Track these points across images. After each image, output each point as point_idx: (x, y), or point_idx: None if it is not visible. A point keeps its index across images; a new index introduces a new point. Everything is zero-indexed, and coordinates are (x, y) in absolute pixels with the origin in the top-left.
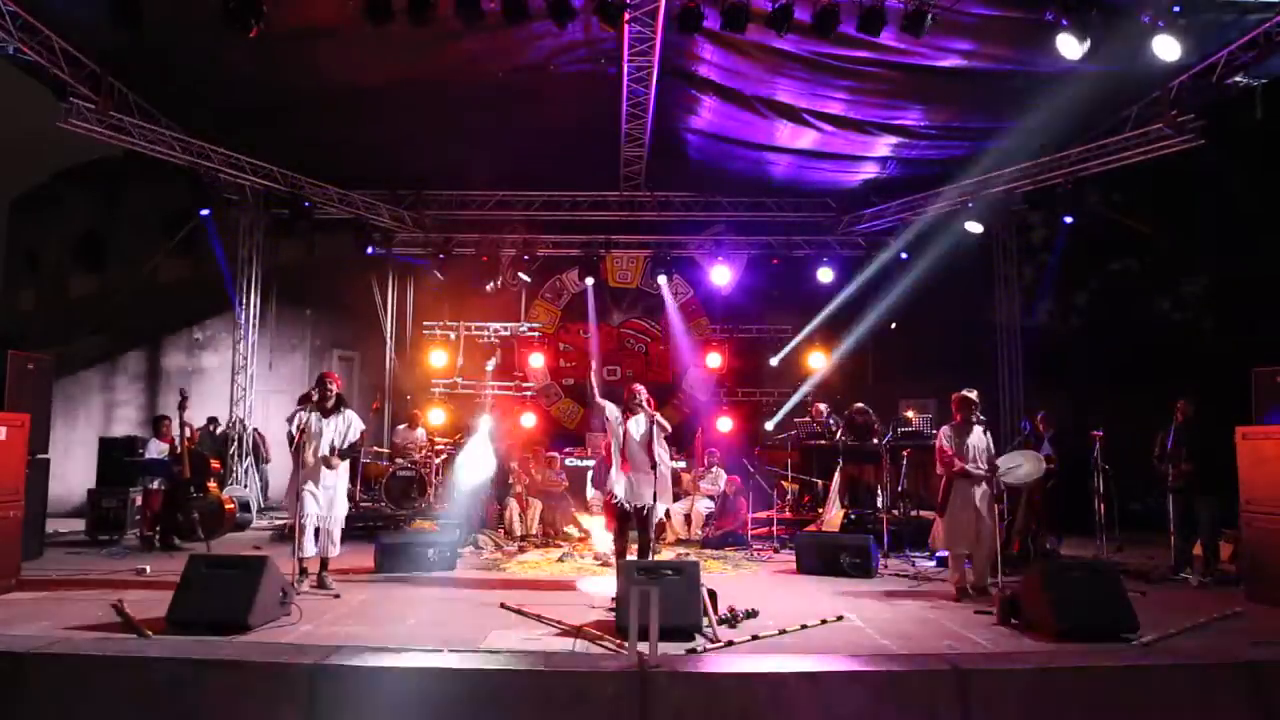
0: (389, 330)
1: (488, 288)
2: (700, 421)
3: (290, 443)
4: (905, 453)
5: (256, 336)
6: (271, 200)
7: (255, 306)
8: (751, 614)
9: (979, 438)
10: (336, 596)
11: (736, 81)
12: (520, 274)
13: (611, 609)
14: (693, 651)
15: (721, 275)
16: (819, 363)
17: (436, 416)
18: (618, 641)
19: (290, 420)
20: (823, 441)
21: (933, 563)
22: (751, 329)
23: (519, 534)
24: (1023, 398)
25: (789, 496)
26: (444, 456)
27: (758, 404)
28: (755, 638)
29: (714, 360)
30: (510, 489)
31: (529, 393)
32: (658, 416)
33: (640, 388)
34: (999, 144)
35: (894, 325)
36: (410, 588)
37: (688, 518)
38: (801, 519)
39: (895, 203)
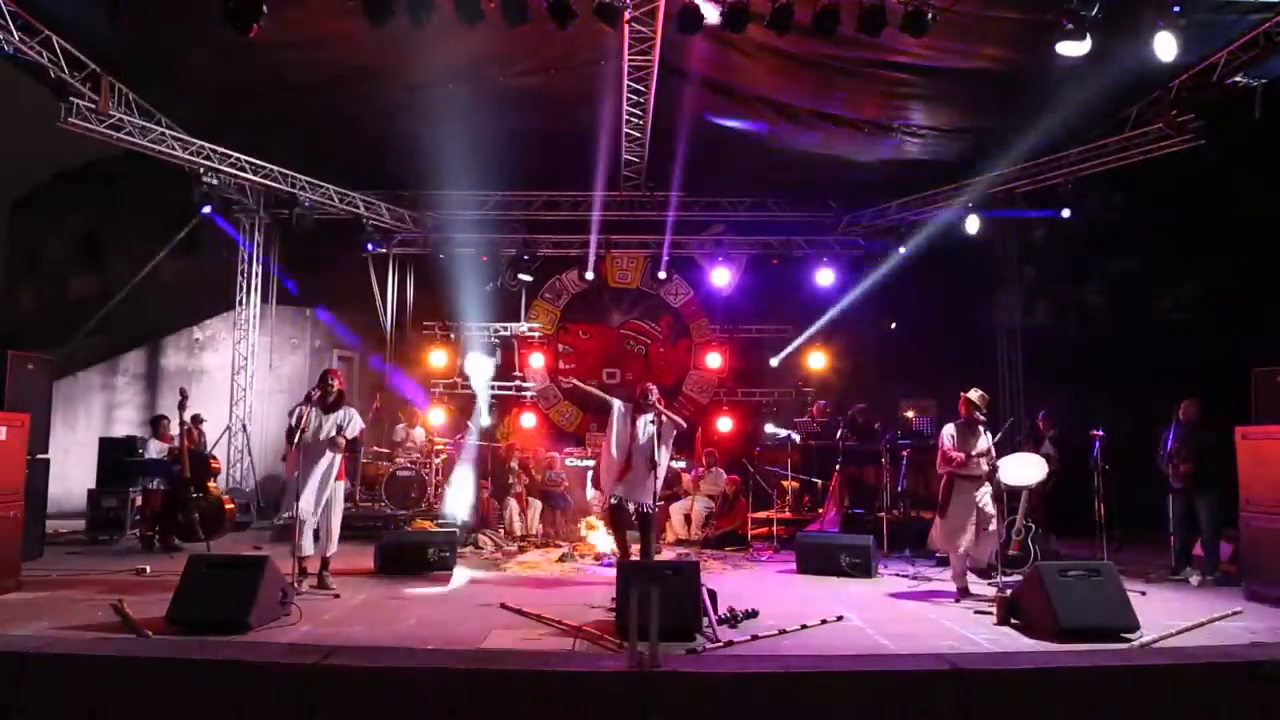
0: (388, 329)
1: (486, 288)
2: (700, 422)
3: (290, 438)
4: (905, 453)
5: (256, 337)
6: (271, 200)
7: (255, 306)
8: (751, 614)
9: (982, 438)
10: (336, 596)
11: (736, 81)
12: (520, 274)
13: (611, 609)
14: (692, 651)
15: (721, 276)
16: (819, 363)
17: (436, 416)
18: (618, 641)
19: (291, 414)
20: (823, 441)
21: (932, 563)
22: (751, 329)
23: (519, 534)
24: (1023, 398)
25: (789, 496)
26: (444, 456)
27: (758, 404)
28: (755, 638)
29: (714, 360)
30: (510, 489)
31: (529, 394)
32: (669, 413)
33: (652, 386)
34: (999, 144)
35: (894, 325)
36: (410, 587)
37: (688, 518)
38: (801, 519)
39: (895, 203)
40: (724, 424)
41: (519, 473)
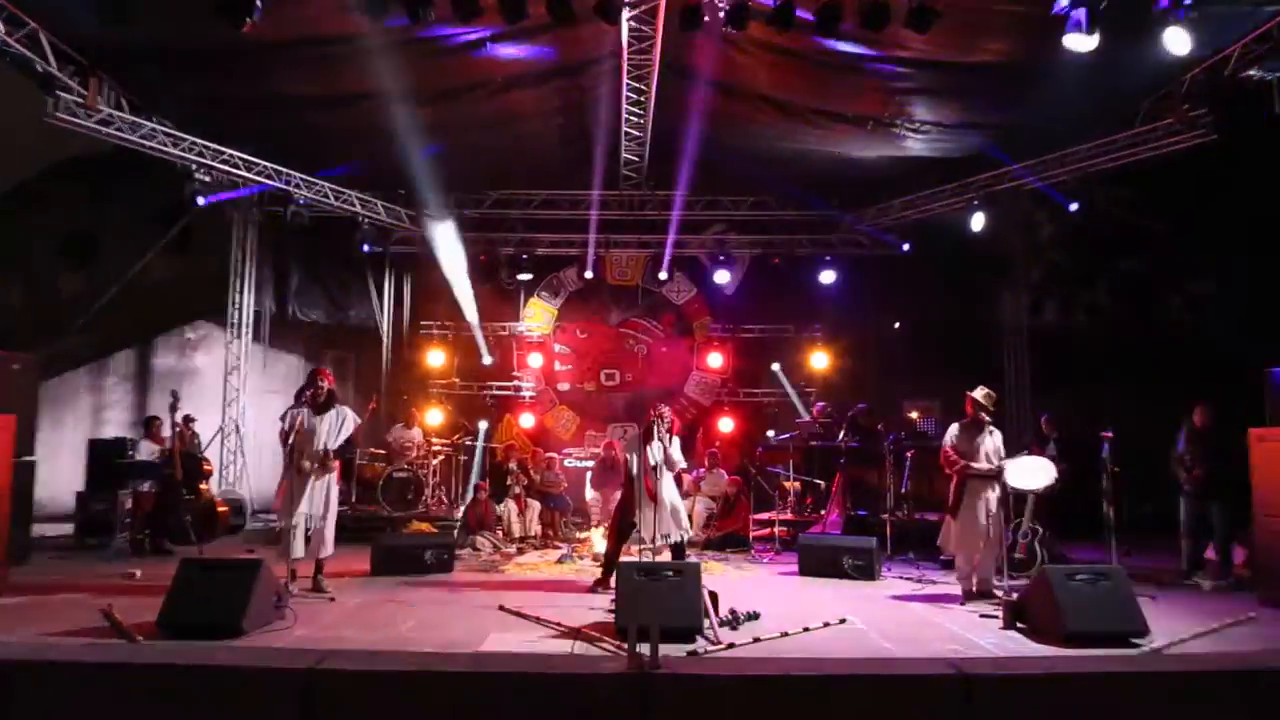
0: (385, 329)
1: (484, 286)
2: (702, 422)
3: (283, 442)
4: (909, 454)
5: (250, 336)
6: (266, 197)
7: (249, 305)
8: (753, 616)
9: (989, 438)
10: (332, 599)
11: (739, 79)
12: (518, 273)
13: (611, 610)
14: (694, 654)
15: (723, 275)
16: (822, 363)
17: (434, 417)
18: (617, 643)
19: (283, 419)
20: (825, 442)
21: (937, 566)
22: (754, 329)
23: (517, 535)
24: (1029, 398)
25: (791, 498)
26: (441, 457)
27: (759, 405)
28: (757, 640)
29: (716, 360)
30: (508, 490)
31: (527, 395)
32: (673, 453)
33: (666, 412)
34: (1005, 140)
35: (897, 325)
36: (407, 590)
37: (689, 519)
38: (803, 520)
39: (898, 200)
40: (725, 424)
41: (517, 474)
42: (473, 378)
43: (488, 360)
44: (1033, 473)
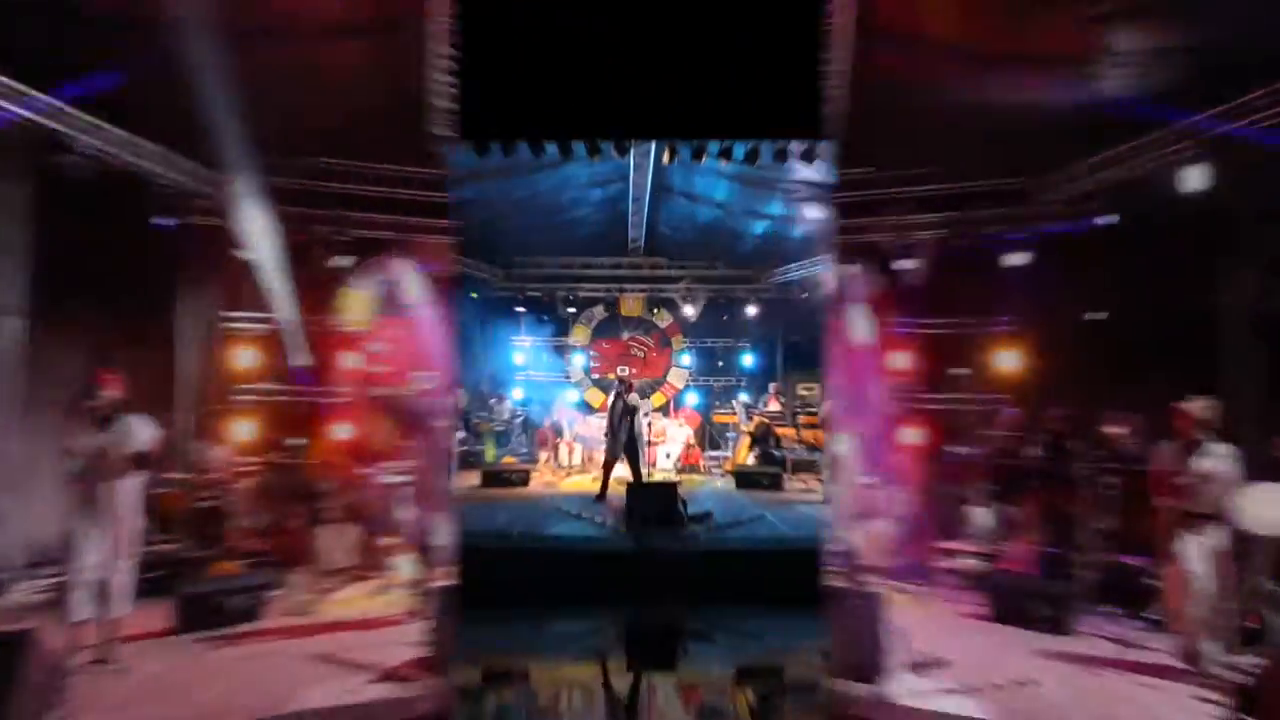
0: (183, 322)
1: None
2: (883, 432)
3: (68, 483)
4: (1111, 478)
5: (12, 329)
6: (34, 142)
7: (10, 287)
8: (938, 662)
9: (1211, 463)
10: (123, 671)
11: (923, 30)
12: (335, 256)
13: (428, 643)
14: (882, 700)
15: (905, 262)
16: (1011, 363)
17: (241, 430)
18: (432, 679)
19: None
20: (1013, 460)
21: (1144, 625)
22: (936, 324)
23: (333, 567)
24: (1264, 409)
25: (979, 525)
26: (250, 480)
27: (943, 412)
28: (947, 690)
29: (899, 361)
30: (321, 515)
31: (343, 401)
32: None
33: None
34: (1229, 63)
35: (1098, 315)
36: (211, 648)
37: (870, 539)
38: (989, 553)
39: (1094, 159)
40: (906, 435)
41: (332, 495)
42: (287, 381)
43: (302, 360)
44: (1275, 508)
